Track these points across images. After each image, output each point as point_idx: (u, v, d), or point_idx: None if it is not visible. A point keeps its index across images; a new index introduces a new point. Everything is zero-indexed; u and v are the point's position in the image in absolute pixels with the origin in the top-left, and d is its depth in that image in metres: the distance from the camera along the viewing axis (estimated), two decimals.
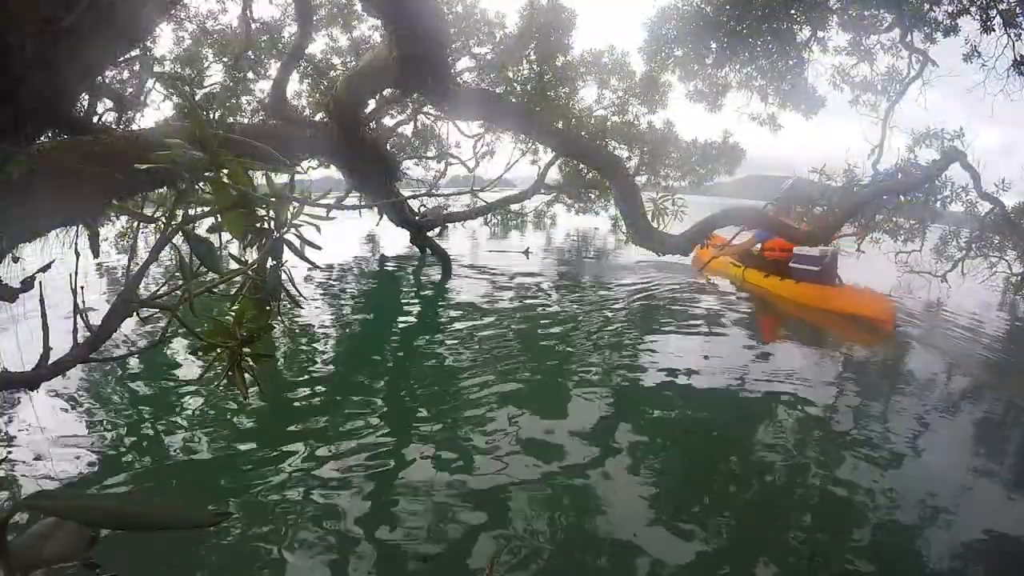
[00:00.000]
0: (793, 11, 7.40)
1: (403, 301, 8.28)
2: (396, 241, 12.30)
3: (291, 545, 2.54)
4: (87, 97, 5.06)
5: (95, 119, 5.19)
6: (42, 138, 2.81)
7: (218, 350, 1.35)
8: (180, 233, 1.17)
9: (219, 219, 1.18)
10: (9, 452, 3.13)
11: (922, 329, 7.78)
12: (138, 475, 3.13)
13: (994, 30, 6.85)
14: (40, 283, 1.31)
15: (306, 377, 4.65)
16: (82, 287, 1.19)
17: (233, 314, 1.34)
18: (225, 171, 1.11)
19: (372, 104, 8.16)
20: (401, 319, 7.14)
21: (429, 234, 10.09)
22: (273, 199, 1.21)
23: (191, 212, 1.23)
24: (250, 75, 8.73)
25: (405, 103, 9.75)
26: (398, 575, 2.44)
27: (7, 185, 1.97)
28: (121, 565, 2.19)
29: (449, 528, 2.71)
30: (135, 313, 1.25)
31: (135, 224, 2.01)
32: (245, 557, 2.45)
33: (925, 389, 5.38)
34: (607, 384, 4.79)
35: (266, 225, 1.22)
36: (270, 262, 1.29)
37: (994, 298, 10.01)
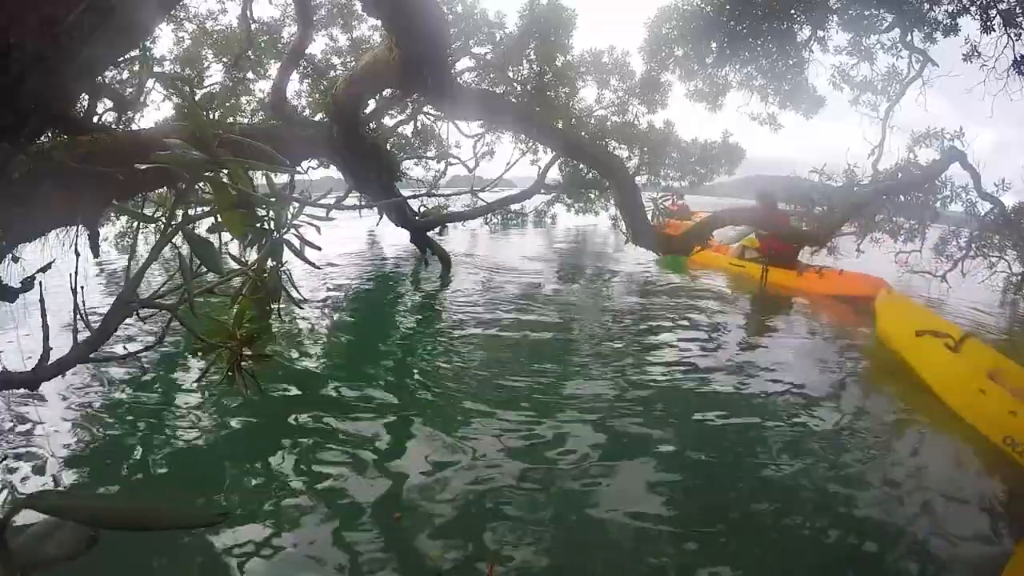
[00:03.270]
0: (793, 11, 7.41)
1: (402, 301, 8.28)
2: (396, 241, 12.29)
3: (291, 545, 2.54)
4: (87, 97, 5.07)
5: (95, 119, 5.20)
6: (42, 138, 2.81)
7: (218, 350, 1.35)
8: (180, 233, 1.17)
9: (219, 219, 1.18)
10: (9, 452, 3.13)
11: None
12: (138, 475, 3.13)
13: (994, 30, 6.86)
14: (40, 283, 1.31)
15: (306, 377, 4.65)
16: (82, 287, 1.19)
17: (233, 314, 1.35)
18: (225, 171, 1.11)
19: (372, 104, 8.17)
20: (401, 318, 7.14)
21: (429, 234, 10.10)
22: (273, 199, 1.22)
23: (191, 212, 1.24)
24: (250, 75, 8.75)
25: (405, 103, 9.75)
26: (398, 574, 2.44)
27: (7, 185, 1.97)
28: (121, 565, 2.20)
29: (450, 528, 2.71)
30: (135, 313, 1.25)
31: (135, 224, 2.01)
32: (245, 557, 2.45)
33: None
34: (609, 381, 4.78)
35: (266, 225, 1.23)
36: (270, 262, 1.29)
37: (994, 298, 9.99)
